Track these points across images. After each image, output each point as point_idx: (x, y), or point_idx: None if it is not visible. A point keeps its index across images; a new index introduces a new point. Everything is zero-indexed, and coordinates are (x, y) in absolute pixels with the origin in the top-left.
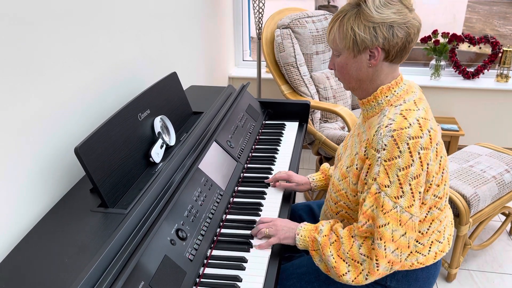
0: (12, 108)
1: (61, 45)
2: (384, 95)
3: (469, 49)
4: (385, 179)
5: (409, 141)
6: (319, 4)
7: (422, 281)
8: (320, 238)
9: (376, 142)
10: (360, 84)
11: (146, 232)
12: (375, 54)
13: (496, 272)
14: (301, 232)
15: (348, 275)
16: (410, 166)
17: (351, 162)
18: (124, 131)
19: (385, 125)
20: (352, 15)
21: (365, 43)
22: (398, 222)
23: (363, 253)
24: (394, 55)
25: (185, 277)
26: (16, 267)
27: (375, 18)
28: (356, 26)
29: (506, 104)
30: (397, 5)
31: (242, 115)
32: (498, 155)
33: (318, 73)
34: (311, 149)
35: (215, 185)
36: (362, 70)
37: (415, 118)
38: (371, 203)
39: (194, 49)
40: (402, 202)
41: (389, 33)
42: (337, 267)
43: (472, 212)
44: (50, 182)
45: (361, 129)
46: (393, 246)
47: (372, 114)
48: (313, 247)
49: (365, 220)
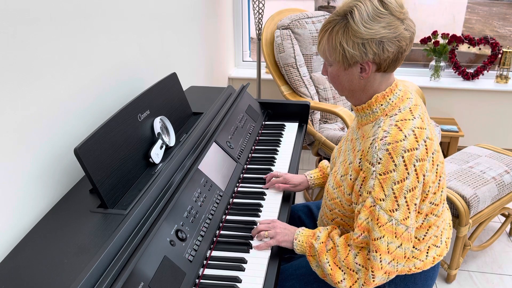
0: (11, 109)
1: (61, 45)
2: (379, 104)
3: (469, 50)
4: (380, 193)
5: (404, 154)
6: (319, 5)
7: (420, 284)
8: (317, 244)
9: (371, 155)
10: (352, 94)
11: (145, 232)
12: (365, 68)
13: (495, 273)
14: (299, 237)
15: (344, 283)
16: (405, 179)
17: (345, 171)
18: (124, 132)
19: (380, 138)
20: (340, 28)
21: (354, 58)
22: (393, 235)
23: (358, 263)
24: (386, 67)
25: (185, 278)
26: (16, 267)
27: (363, 34)
28: (345, 42)
29: (505, 105)
30: (387, 17)
31: (242, 116)
32: (498, 156)
33: (318, 74)
34: (311, 150)
35: (215, 185)
36: (353, 81)
37: (410, 129)
38: (366, 216)
39: (194, 49)
40: (398, 215)
41: (379, 48)
42: (333, 275)
43: (472, 213)
44: (49, 182)
45: (355, 135)
46: (389, 258)
47: (366, 121)
48: (310, 253)
49: (360, 232)
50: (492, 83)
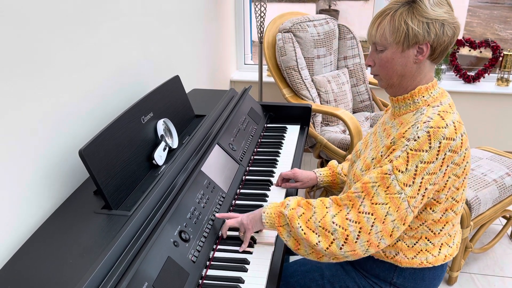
0: (16, 111)
1: (66, 48)
2: (421, 95)
3: (470, 53)
4: (402, 165)
5: (442, 141)
6: (320, 8)
7: (428, 281)
8: (288, 211)
9: (409, 133)
10: (401, 80)
11: (149, 233)
12: (423, 50)
13: (497, 275)
14: (266, 210)
15: (320, 245)
16: (432, 162)
17: (377, 153)
18: (127, 134)
19: (423, 121)
20: (404, 10)
21: (416, 37)
22: (395, 207)
23: (336, 222)
24: (438, 54)
25: (188, 278)
26: (21, 268)
27: (430, 14)
28: (410, 20)
29: (506, 108)
30: (446, 6)
31: (244, 118)
32: (499, 159)
33: (319, 76)
34: (313, 153)
35: (218, 187)
36: (407, 65)
37: (451, 120)
38: (376, 179)
39: (196, 52)
40: (408, 190)
41: (440, 30)
42: (307, 238)
43: (473, 216)
44: (54, 184)
45: (389, 125)
46: (380, 227)
47: (405, 111)
48: (279, 223)
49: (360, 190)
50: (493, 86)
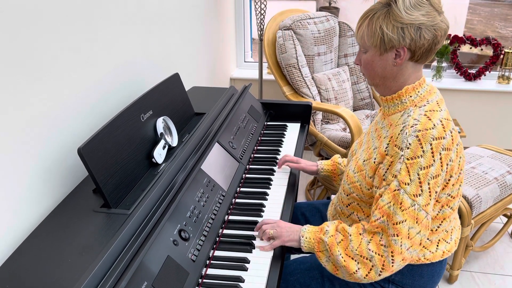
0: (15, 109)
1: (65, 46)
2: (408, 95)
3: (471, 50)
4: (405, 177)
5: (432, 142)
6: (320, 6)
7: (427, 278)
8: (327, 238)
9: (400, 140)
10: (383, 81)
11: (149, 232)
12: (401, 54)
13: (497, 273)
14: (305, 234)
15: (359, 272)
16: (431, 166)
17: (369, 156)
18: (127, 132)
19: (410, 125)
20: (381, 14)
21: (392, 42)
22: (414, 220)
23: (371, 249)
24: (420, 56)
25: (188, 277)
26: (20, 266)
27: (404, 19)
28: (385, 26)
29: (507, 106)
30: (427, 7)
31: (244, 116)
32: (500, 157)
33: (319, 74)
34: (313, 150)
35: (217, 186)
36: (387, 68)
37: (438, 119)
38: (389, 199)
39: (196, 50)
40: (420, 200)
41: (416, 34)
42: (347, 266)
43: (474, 214)
44: (53, 182)
45: (380, 125)
46: (408, 243)
47: (393, 111)
48: (319, 249)
49: (380, 215)
50: (494, 83)
